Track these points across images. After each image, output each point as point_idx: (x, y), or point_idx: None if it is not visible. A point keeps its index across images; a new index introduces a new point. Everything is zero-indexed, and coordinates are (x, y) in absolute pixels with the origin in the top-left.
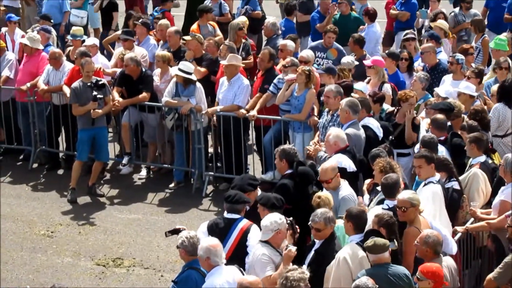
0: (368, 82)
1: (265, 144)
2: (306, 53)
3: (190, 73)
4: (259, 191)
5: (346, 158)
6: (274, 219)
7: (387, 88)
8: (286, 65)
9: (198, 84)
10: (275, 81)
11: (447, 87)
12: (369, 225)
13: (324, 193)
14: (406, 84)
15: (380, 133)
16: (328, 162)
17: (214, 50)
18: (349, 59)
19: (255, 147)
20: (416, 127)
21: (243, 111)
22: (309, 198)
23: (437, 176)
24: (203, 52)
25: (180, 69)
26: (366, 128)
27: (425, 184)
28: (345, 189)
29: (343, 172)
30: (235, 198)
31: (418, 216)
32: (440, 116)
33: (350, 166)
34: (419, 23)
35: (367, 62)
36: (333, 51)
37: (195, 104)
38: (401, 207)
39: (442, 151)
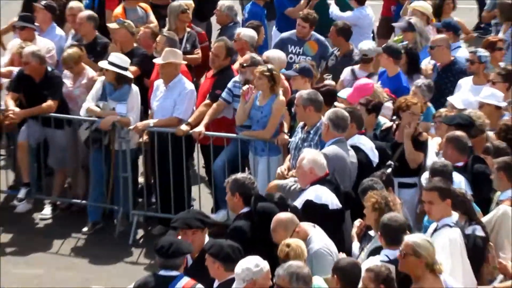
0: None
1: (216, 171)
2: (271, 54)
3: (125, 69)
4: (207, 238)
5: (327, 192)
6: (247, 265)
7: (388, 105)
8: (244, 64)
9: (135, 87)
10: (229, 85)
11: (465, 95)
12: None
13: (295, 241)
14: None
15: (374, 156)
16: (282, 215)
17: (149, 42)
18: (369, 45)
19: (202, 175)
20: (420, 146)
21: (185, 126)
22: (274, 247)
23: (455, 216)
24: (134, 45)
25: (111, 63)
26: (356, 149)
27: (437, 229)
28: (318, 240)
29: (323, 211)
30: (171, 249)
31: (427, 273)
32: (460, 133)
33: (333, 202)
34: None
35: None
36: (312, 44)
37: (123, 114)
38: (401, 251)
39: (460, 182)
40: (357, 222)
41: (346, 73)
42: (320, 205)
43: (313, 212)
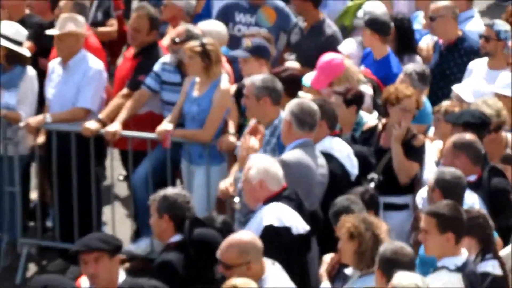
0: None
1: (137, 186)
2: (207, 26)
3: (20, 43)
4: (122, 275)
5: (287, 210)
6: None
7: (365, 89)
8: (177, 40)
9: (31, 70)
10: (156, 68)
11: (477, 84)
12: None
13: (244, 283)
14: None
15: (352, 167)
16: (237, 236)
17: (46, 7)
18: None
19: (118, 190)
20: (414, 153)
21: (95, 123)
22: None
23: (462, 255)
24: (27, 12)
25: (2, 35)
26: (327, 157)
27: (435, 269)
28: (274, 280)
29: (284, 237)
30: None
31: None
32: (471, 137)
33: (297, 224)
34: None
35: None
36: (268, 11)
37: (11, 107)
38: None
39: (473, 204)
40: (327, 258)
41: (350, 46)
42: (281, 228)
43: (270, 239)
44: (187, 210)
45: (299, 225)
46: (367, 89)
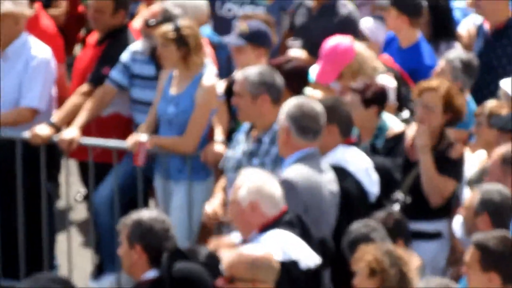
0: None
1: (99, 207)
2: (181, 1)
3: None
4: None
5: (292, 239)
6: None
7: (386, 80)
8: (151, 22)
9: None
10: (124, 58)
11: None
12: None
13: None
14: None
15: (372, 184)
16: (251, 248)
17: None
18: None
19: (74, 214)
20: (451, 168)
21: (46, 128)
22: None
23: None
24: None
25: None
26: (339, 172)
27: None
28: None
29: (290, 273)
30: None
31: None
32: None
33: (306, 256)
34: None
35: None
36: None
37: None
38: None
39: None
40: None
41: (376, 27)
42: (286, 263)
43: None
44: (166, 239)
45: (308, 258)
46: (388, 81)
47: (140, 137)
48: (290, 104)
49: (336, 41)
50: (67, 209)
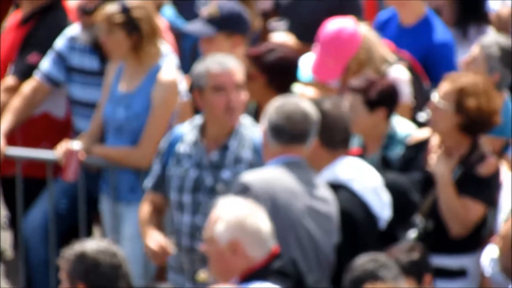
0: None
1: (30, 236)
2: None
3: None
4: None
5: None
6: None
7: (399, 72)
8: (88, 9)
9: None
10: (59, 46)
11: None
12: None
13: None
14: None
15: (382, 206)
16: None
17: None
18: None
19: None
20: (480, 186)
21: None
22: None
23: None
24: None
25: None
26: (340, 192)
27: None
28: None
29: None
30: None
31: None
32: None
33: None
34: None
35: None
36: None
37: None
38: None
39: None
40: None
41: None
42: None
43: None
44: (117, 277)
45: None
46: (400, 73)
47: (71, 145)
48: (275, 102)
49: (337, 25)
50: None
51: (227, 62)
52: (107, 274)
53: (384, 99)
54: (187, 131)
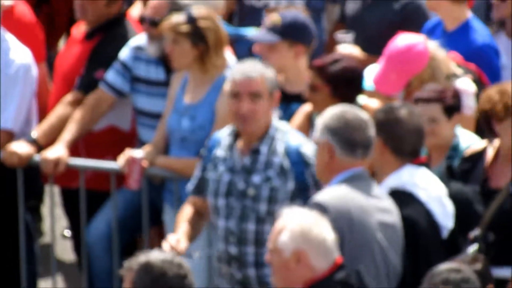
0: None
1: (93, 246)
2: None
3: None
4: None
5: None
6: None
7: (464, 84)
8: (156, 18)
9: None
10: (123, 56)
11: None
12: None
13: None
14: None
15: (446, 216)
16: None
17: None
18: None
19: (60, 253)
20: None
21: (25, 146)
22: None
23: None
24: None
25: None
26: (405, 198)
27: None
28: None
29: None
30: None
31: None
32: None
33: None
34: None
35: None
36: None
37: None
38: None
39: None
40: None
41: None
42: None
43: None
44: (182, 286)
45: None
46: (465, 85)
47: (133, 153)
48: (327, 114)
49: (406, 41)
50: (51, 248)
51: (251, 69)
52: (172, 284)
53: (458, 105)
54: (225, 135)
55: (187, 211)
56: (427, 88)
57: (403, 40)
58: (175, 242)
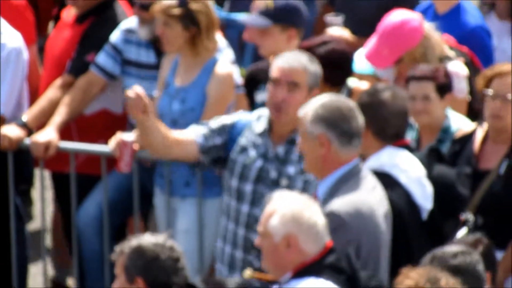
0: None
1: (84, 230)
2: None
3: None
4: None
5: None
6: None
7: (456, 67)
8: (144, 3)
9: None
10: (114, 39)
11: None
12: None
13: None
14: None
15: (425, 196)
16: None
17: None
18: None
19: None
20: None
21: (16, 129)
22: None
23: None
24: None
25: None
26: (385, 180)
27: None
28: None
29: None
30: None
31: None
32: None
33: None
34: None
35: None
36: None
37: None
38: None
39: None
40: None
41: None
42: None
43: None
44: (175, 271)
45: None
46: (457, 68)
47: (124, 136)
48: (316, 104)
49: (401, 17)
50: (43, 233)
51: (295, 59)
52: (166, 268)
53: (450, 84)
54: (254, 119)
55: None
56: (420, 67)
57: (397, 15)
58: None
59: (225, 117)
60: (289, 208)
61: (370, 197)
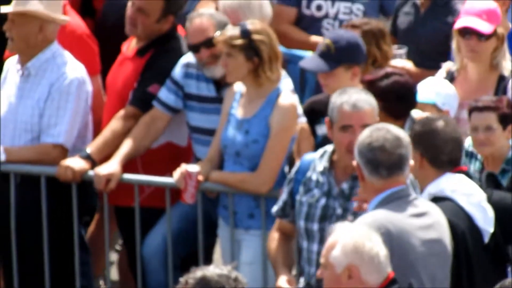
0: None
1: (149, 261)
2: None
3: None
4: None
5: None
6: None
7: None
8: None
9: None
10: (176, 74)
11: None
12: None
13: None
14: None
15: (486, 220)
16: None
17: None
18: None
19: (114, 269)
20: None
21: (80, 161)
22: None
23: None
24: None
25: None
26: (445, 204)
27: None
28: None
29: None
30: None
31: None
32: None
33: None
34: None
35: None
36: None
37: None
38: None
39: None
40: None
41: None
42: None
43: None
44: None
45: None
46: None
47: (189, 167)
48: (362, 135)
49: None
50: (108, 266)
51: (360, 102)
52: None
53: (506, 118)
54: (317, 158)
55: (277, 238)
56: (482, 98)
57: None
58: (288, 283)
59: (289, 175)
60: (350, 239)
61: (406, 220)
